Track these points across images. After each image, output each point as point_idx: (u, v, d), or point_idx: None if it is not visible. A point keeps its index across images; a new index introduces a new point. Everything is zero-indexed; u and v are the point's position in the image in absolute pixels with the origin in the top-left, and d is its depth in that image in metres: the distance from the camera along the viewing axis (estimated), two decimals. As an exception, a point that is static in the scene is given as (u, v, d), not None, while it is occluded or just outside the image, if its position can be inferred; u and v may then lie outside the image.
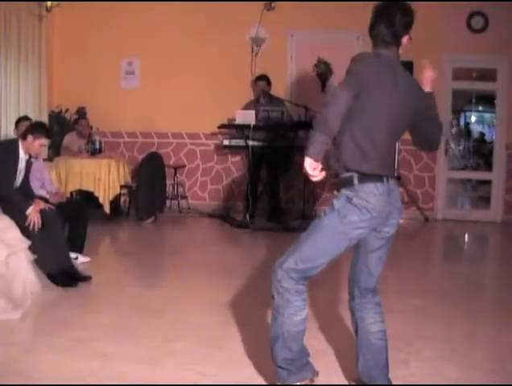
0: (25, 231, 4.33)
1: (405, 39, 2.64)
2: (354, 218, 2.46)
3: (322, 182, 8.00)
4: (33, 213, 4.40)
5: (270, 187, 7.53)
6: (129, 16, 8.29)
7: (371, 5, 2.67)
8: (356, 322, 2.75)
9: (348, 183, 2.49)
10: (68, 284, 4.44)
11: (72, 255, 5.10)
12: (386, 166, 2.51)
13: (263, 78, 7.46)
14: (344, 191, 2.50)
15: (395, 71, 2.54)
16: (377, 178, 2.46)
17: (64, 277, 4.46)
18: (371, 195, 2.44)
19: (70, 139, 7.43)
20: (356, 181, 2.46)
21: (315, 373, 2.74)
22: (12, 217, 4.35)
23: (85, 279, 4.57)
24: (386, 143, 2.51)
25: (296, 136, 7.32)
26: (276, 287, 2.72)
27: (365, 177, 2.45)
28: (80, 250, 5.13)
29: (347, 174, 2.50)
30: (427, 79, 2.65)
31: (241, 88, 7.92)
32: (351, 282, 2.74)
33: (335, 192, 2.58)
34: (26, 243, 4.20)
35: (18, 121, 5.29)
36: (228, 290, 4.56)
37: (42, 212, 4.46)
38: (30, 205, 4.43)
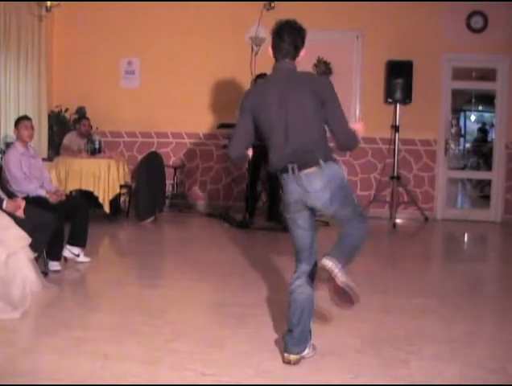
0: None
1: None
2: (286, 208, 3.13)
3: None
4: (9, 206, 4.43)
5: (270, 187, 7.52)
6: (128, 16, 8.29)
7: (371, 5, 2.69)
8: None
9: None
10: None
11: (75, 251, 5.13)
12: (289, 161, 2.94)
13: (264, 76, 7.43)
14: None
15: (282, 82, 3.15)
16: (283, 170, 2.97)
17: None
18: (283, 184, 3.02)
19: (70, 139, 7.44)
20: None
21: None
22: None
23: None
24: (282, 144, 2.96)
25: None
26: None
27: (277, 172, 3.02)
28: (83, 244, 5.15)
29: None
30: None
31: (241, 88, 7.91)
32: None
33: None
34: (27, 241, 4.19)
35: (18, 121, 5.29)
36: (228, 290, 4.56)
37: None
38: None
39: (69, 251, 5.10)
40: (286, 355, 3.08)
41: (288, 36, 3.20)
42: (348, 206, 2.97)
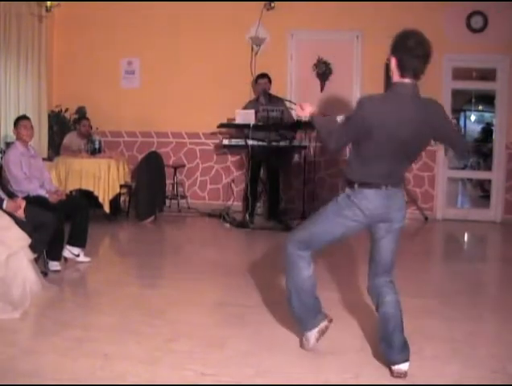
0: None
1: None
2: (349, 213, 2.96)
3: (321, 183, 8.03)
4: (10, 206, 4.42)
5: (270, 187, 7.52)
6: (128, 16, 8.29)
7: (371, 5, 2.70)
8: (375, 302, 3.10)
9: (351, 185, 2.98)
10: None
11: (75, 251, 5.13)
12: (385, 178, 2.92)
13: (265, 76, 7.45)
14: (347, 190, 2.99)
15: (404, 105, 2.86)
16: (376, 185, 2.91)
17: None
18: (364, 198, 2.92)
19: (71, 139, 7.44)
20: (356, 185, 2.95)
21: (329, 319, 3.22)
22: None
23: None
24: (385, 165, 2.91)
25: (296, 135, 7.32)
26: (284, 256, 3.17)
27: (363, 184, 2.93)
28: (83, 244, 5.15)
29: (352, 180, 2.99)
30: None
31: (241, 88, 7.92)
32: (369, 266, 3.14)
33: (342, 191, 3.07)
34: (27, 241, 4.19)
35: (17, 121, 5.29)
36: (228, 290, 4.57)
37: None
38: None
39: (69, 251, 5.10)
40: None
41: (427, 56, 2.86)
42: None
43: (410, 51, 2.80)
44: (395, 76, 2.88)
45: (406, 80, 2.85)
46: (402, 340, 3.00)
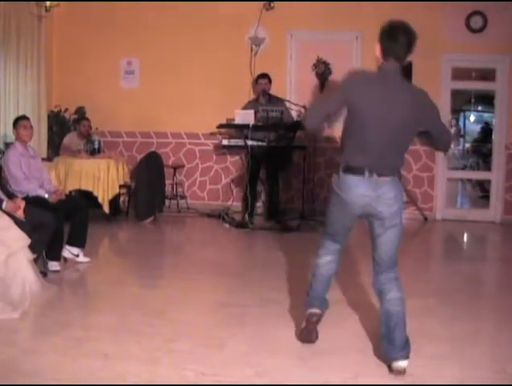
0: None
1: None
2: (337, 201, 3.04)
3: (321, 183, 8.03)
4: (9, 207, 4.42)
5: (269, 187, 7.52)
6: (128, 16, 8.28)
7: (370, 5, 2.72)
8: (379, 298, 3.12)
9: (337, 171, 3.01)
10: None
11: (74, 251, 5.12)
12: (372, 164, 2.90)
13: (265, 76, 7.44)
14: (334, 178, 3.04)
15: (392, 87, 2.92)
16: (359, 170, 2.90)
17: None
18: (346, 185, 2.94)
19: (71, 139, 7.44)
20: (341, 171, 2.96)
21: (324, 307, 3.34)
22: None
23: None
24: (371, 148, 2.91)
25: (296, 135, 7.32)
26: None
27: (348, 169, 2.93)
28: (82, 245, 5.15)
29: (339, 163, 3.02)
30: None
31: (241, 88, 7.92)
32: (372, 263, 3.14)
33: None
34: (26, 241, 4.19)
35: (16, 121, 5.28)
36: (227, 290, 4.57)
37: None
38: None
39: (68, 251, 5.10)
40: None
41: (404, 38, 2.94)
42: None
43: (394, 39, 2.91)
44: (379, 62, 2.99)
45: (389, 61, 2.94)
46: (403, 338, 3.00)
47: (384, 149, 2.92)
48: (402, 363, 2.97)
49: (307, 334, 3.32)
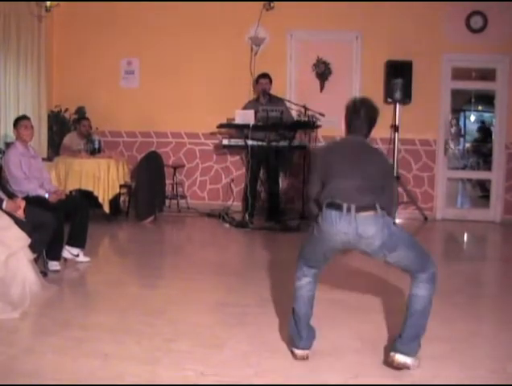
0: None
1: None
2: (317, 231, 3.07)
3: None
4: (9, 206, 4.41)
5: (269, 187, 7.52)
6: (128, 16, 8.29)
7: (370, 5, 2.71)
8: None
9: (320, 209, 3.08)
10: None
11: (74, 251, 5.12)
12: (350, 201, 2.95)
13: (266, 76, 7.43)
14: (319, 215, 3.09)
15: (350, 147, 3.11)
16: (338, 206, 2.96)
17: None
18: (328, 220, 2.98)
19: (71, 139, 7.44)
20: (324, 205, 3.02)
21: (309, 343, 3.19)
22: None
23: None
24: (348, 190, 2.98)
25: (296, 135, 7.32)
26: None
27: (328, 204, 3.00)
28: (82, 245, 5.15)
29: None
30: None
31: (241, 88, 7.92)
32: None
33: None
34: (26, 241, 4.19)
35: (17, 121, 5.28)
36: (227, 290, 4.57)
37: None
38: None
39: (68, 251, 5.09)
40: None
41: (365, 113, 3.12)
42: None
43: (355, 113, 3.10)
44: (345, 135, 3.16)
45: (352, 136, 3.12)
46: (410, 334, 3.03)
47: (357, 192, 2.98)
48: (398, 357, 3.00)
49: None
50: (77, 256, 5.14)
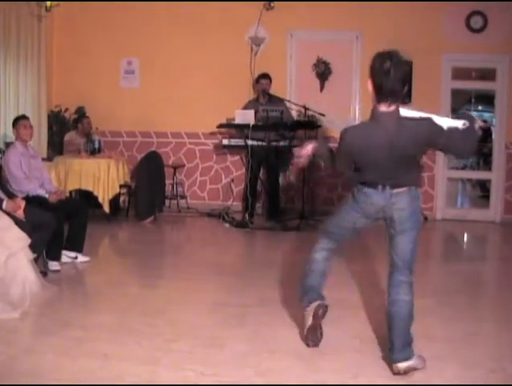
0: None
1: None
2: (351, 206, 3.15)
3: (321, 183, 8.03)
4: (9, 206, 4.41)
5: (270, 187, 7.52)
6: (128, 16, 8.29)
7: (370, 5, 2.70)
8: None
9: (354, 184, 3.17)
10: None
11: (72, 254, 5.11)
12: (384, 181, 3.00)
13: (266, 76, 7.43)
14: (353, 188, 3.18)
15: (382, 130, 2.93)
16: (372, 184, 3.02)
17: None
18: (362, 193, 3.07)
19: (70, 138, 7.44)
20: (358, 183, 3.11)
21: (325, 299, 3.32)
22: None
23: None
24: (382, 170, 3.00)
25: (296, 135, 7.32)
26: None
27: (363, 183, 3.08)
28: (79, 250, 5.13)
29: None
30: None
31: (241, 88, 7.92)
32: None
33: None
34: (26, 241, 4.19)
35: (16, 121, 5.28)
36: (227, 290, 4.56)
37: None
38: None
39: (66, 256, 5.05)
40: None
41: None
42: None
43: (384, 73, 2.80)
44: (373, 102, 2.93)
45: (384, 106, 2.89)
46: (402, 340, 3.00)
47: (391, 171, 2.98)
48: (400, 365, 2.97)
49: (313, 332, 3.27)
50: (76, 258, 5.11)
